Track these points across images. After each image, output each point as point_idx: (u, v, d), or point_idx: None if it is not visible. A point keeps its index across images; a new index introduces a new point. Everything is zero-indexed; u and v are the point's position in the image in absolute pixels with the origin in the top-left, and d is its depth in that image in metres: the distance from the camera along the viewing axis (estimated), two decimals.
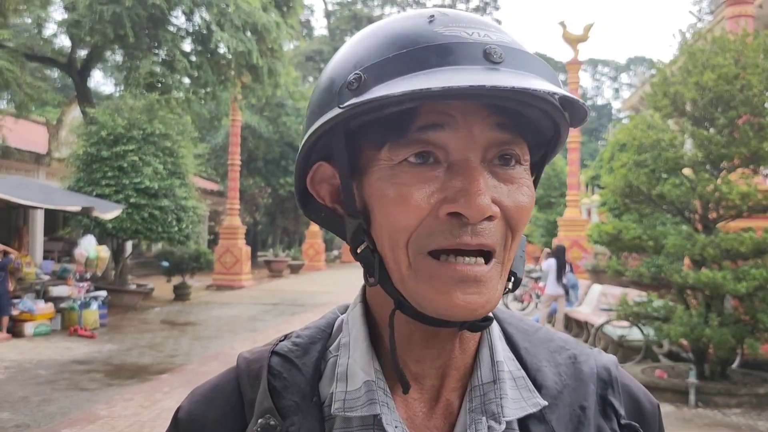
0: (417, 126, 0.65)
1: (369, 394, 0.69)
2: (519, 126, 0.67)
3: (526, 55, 0.65)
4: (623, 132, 9.15)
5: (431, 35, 0.64)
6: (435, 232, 0.65)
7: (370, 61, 0.65)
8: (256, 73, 17.40)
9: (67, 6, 16.40)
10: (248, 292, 20.29)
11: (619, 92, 75.34)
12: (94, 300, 12.71)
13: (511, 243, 0.68)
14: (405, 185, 0.65)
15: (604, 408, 0.76)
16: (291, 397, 0.72)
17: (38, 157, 18.27)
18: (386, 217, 0.67)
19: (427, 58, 0.62)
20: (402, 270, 0.67)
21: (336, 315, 0.82)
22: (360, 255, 0.71)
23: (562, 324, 12.86)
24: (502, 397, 0.71)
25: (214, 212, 30.44)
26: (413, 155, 0.65)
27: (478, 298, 0.65)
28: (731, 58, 7.82)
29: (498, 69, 0.62)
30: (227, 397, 0.76)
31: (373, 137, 0.68)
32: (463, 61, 0.62)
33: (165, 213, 15.22)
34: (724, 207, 7.94)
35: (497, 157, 0.67)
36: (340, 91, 0.66)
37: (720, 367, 8.00)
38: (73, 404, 7.30)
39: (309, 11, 57.08)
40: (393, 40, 0.66)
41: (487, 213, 0.63)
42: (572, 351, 0.79)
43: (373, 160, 0.68)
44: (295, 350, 0.77)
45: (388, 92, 0.60)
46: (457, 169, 0.65)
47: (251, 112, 27.71)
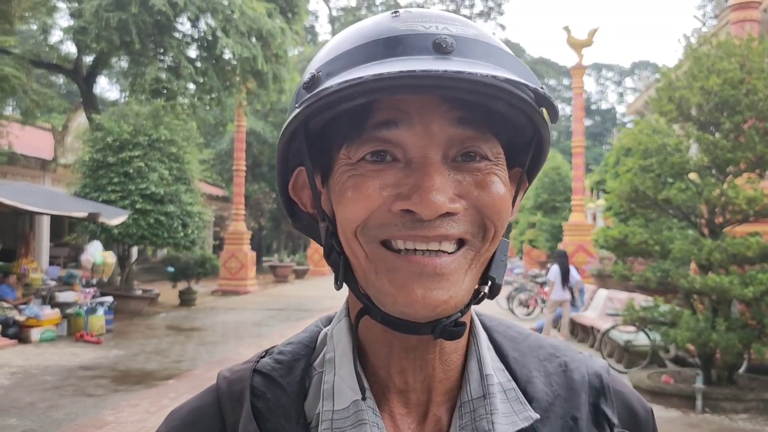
0: (372, 123, 0.63)
1: (358, 414, 0.67)
2: (486, 121, 0.64)
3: (486, 45, 0.63)
4: (628, 137, 9.14)
5: (386, 30, 0.63)
6: (386, 225, 0.63)
7: (326, 59, 0.65)
8: (261, 78, 17.44)
9: (73, 13, 16.46)
10: (253, 298, 20.29)
11: (624, 97, 75.28)
12: (100, 306, 12.73)
13: (491, 236, 0.65)
14: (359, 176, 0.64)
15: (596, 417, 0.74)
16: (276, 420, 0.69)
17: (44, 163, 18.34)
18: (340, 211, 0.66)
19: (374, 52, 0.61)
20: (362, 264, 0.65)
21: (319, 328, 0.79)
22: (331, 259, 0.70)
23: (568, 329, 12.83)
24: (492, 413, 0.68)
25: (219, 218, 30.48)
26: (369, 154, 0.64)
27: (439, 294, 0.62)
28: (736, 62, 7.82)
29: (447, 58, 0.59)
30: (208, 421, 0.72)
31: (335, 138, 0.67)
32: (410, 52, 0.60)
33: (171, 218, 15.26)
34: (730, 211, 7.93)
35: (461, 155, 0.64)
36: (299, 91, 0.66)
37: (727, 372, 7.97)
38: (79, 410, 7.31)
39: (313, 17, 57.19)
40: (352, 38, 0.65)
41: (441, 210, 0.61)
42: (563, 358, 0.77)
43: (335, 161, 0.67)
44: (278, 368, 0.73)
45: (327, 84, 0.59)
46: (414, 166, 0.63)
47: (256, 118, 27.77)
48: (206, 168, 19.70)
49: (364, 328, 0.71)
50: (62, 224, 20.50)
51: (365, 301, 0.67)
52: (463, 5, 57.83)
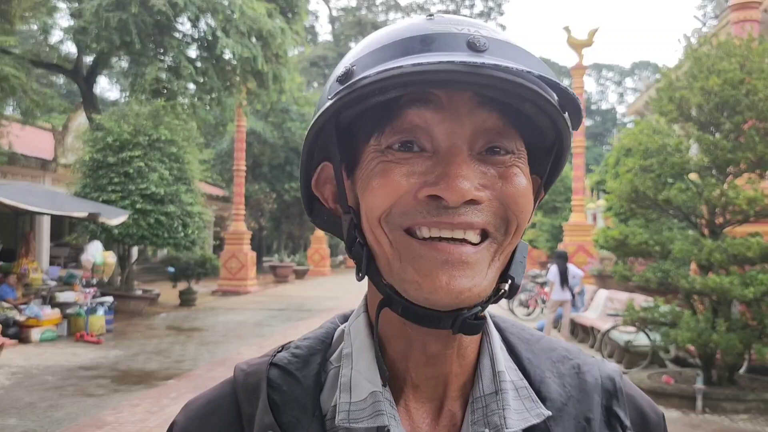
0: (402, 102, 0.64)
1: (375, 405, 0.68)
2: (513, 121, 0.66)
3: (516, 48, 0.64)
4: (629, 137, 9.14)
5: (421, 29, 0.65)
6: (410, 212, 0.64)
7: (361, 54, 0.66)
8: (261, 78, 17.44)
9: (74, 13, 16.47)
10: (254, 298, 20.30)
11: (624, 97, 75.24)
12: (100, 306, 12.74)
13: (513, 229, 0.67)
14: (387, 163, 0.65)
15: (609, 419, 0.74)
16: (291, 412, 0.70)
17: (44, 163, 18.34)
18: (367, 197, 0.67)
19: (410, 46, 0.63)
20: (386, 252, 0.66)
21: (336, 324, 0.80)
22: (353, 252, 0.70)
23: (568, 329, 12.83)
24: (504, 408, 0.69)
25: (219, 218, 30.48)
26: (398, 143, 0.65)
27: (464, 282, 0.63)
28: (736, 62, 7.82)
29: (481, 56, 0.61)
30: (224, 412, 0.73)
31: (364, 131, 0.68)
32: (445, 48, 0.62)
33: (171, 219, 15.26)
34: (730, 212, 7.93)
35: (486, 149, 0.66)
36: (331, 85, 0.67)
37: (727, 373, 7.98)
38: (80, 410, 7.31)
39: (314, 17, 57.19)
40: (388, 35, 0.67)
41: (467, 196, 0.62)
42: (576, 361, 0.78)
43: (363, 153, 0.68)
44: (294, 362, 0.74)
45: (364, 74, 0.61)
46: (441, 155, 0.64)
47: (256, 118, 27.77)
48: (206, 168, 19.70)
49: (383, 322, 0.71)
50: (63, 224, 20.51)
51: (387, 291, 0.67)
52: (463, 5, 57.84)
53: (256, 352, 0.79)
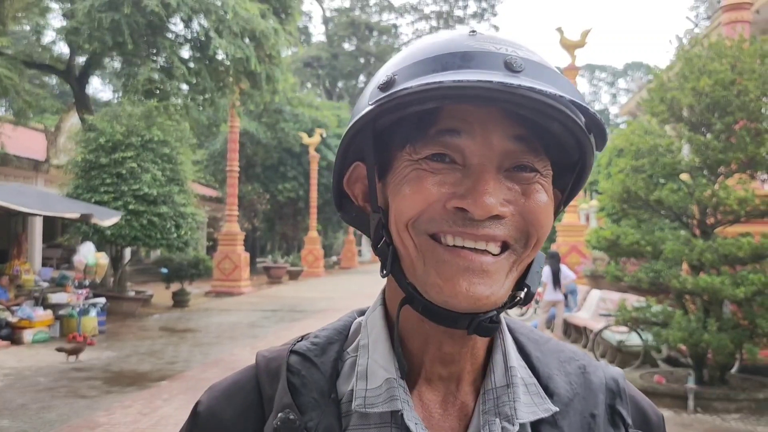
0: (436, 129, 0.68)
1: (390, 391, 0.71)
2: (539, 139, 0.69)
3: (550, 71, 0.67)
4: (620, 137, 9.17)
5: (461, 45, 0.68)
6: (438, 219, 0.68)
7: (403, 65, 0.70)
8: (254, 79, 17.42)
9: (66, 13, 16.43)
10: (247, 299, 20.27)
11: (617, 97, 75.44)
12: (93, 307, 12.71)
13: (533, 243, 0.70)
14: (420, 173, 0.69)
15: (612, 417, 0.79)
16: (309, 394, 0.74)
17: (37, 164, 18.28)
18: (397, 202, 0.71)
19: (450, 62, 0.66)
20: (411, 254, 0.70)
21: (353, 318, 0.84)
22: (379, 249, 0.74)
23: (561, 330, 12.85)
24: (515, 400, 0.73)
25: (212, 219, 30.43)
26: (432, 154, 0.69)
27: (482, 289, 0.67)
28: (728, 63, 7.86)
29: (517, 76, 0.64)
30: (246, 393, 0.78)
31: (398, 137, 0.71)
32: (483, 66, 0.65)
33: (164, 219, 15.23)
34: (721, 212, 7.96)
35: (514, 167, 0.69)
36: (372, 91, 0.70)
37: (719, 372, 8.01)
38: (72, 411, 7.30)
39: (307, 18, 57.14)
40: (429, 48, 0.70)
41: (492, 212, 0.66)
42: (582, 362, 0.82)
43: (397, 159, 0.72)
44: (313, 349, 0.79)
45: (404, 84, 0.65)
46: (471, 171, 0.68)
47: (249, 119, 27.74)
48: (199, 169, 19.71)
49: (401, 317, 0.75)
50: (55, 225, 20.43)
51: (410, 290, 0.71)
52: (457, 6, 57.89)
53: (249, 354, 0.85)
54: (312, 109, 32.09)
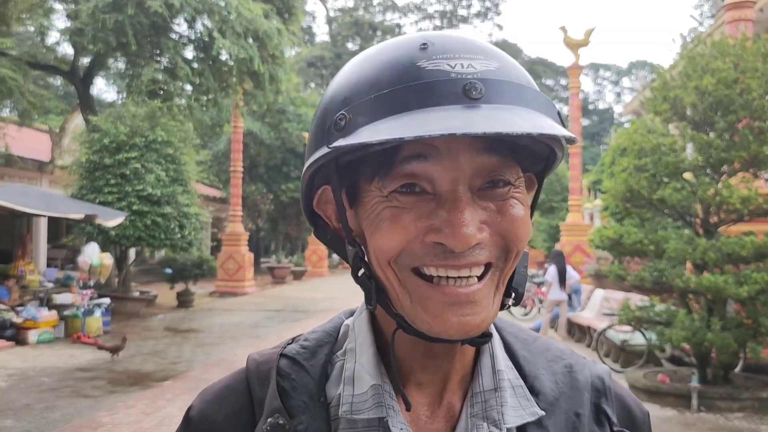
0: (401, 158, 0.67)
1: (376, 397, 0.72)
2: (510, 150, 0.69)
3: (512, 85, 0.66)
4: (623, 136, 9.16)
5: (414, 72, 0.65)
6: (419, 254, 0.67)
7: (357, 100, 0.67)
8: (257, 79, 17.45)
9: (70, 14, 16.47)
10: (251, 299, 20.30)
11: (621, 96, 75.24)
12: (97, 307, 12.74)
13: (513, 256, 0.70)
14: (394, 209, 0.68)
15: (597, 415, 0.79)
16: (299, 397, 0.75)
17: (41, 164, 18.33)
18: (375, 239, 0.69)
19: (407, 101, 0.64)
20: (396, 290, 0.69)
21: (342, 320, 0.85)
22: (359, 279, 0.74)
23: (565, 329, 12.85)
24: (503, 405, 0.74)
25: (216, 219, 30.46)
26: (401, 186, 0.67)
27: (472, 319, 0.67)
28: (731, 62, 7.84)
29: (477, 107, 0.62)
30: (237, 396, 0.79)
31: (364, 170, 0.70)
32: (441, 100, 0.63)
33: (168, 220, 15.25)
34: (725, 211, 7.95)
35: (486, 183, 0.68)
36: (329, 130, 0.68)
37: (722, 372, 7.99)
38: (76, 411, 7.32)
39: (311, 18, 57.23)
40: (379, 76, 0.67)
41: (471, 243, 0.65)
42: (568, 360, 0.82)
43: (366, 191, 0.71)
44: (303, 353, 0.79)
45: (367, 140, 0.62)
46: (443, 199, 0.67)
47: (253, 119, 27.78)
48: (203, 169, 19.72)
49: (387, 325, 0.75)
50: (60, 226, 20.49)
51: (399, 321, 0.71)
52: (461, 5, 57.88)
53: None
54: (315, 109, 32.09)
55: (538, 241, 25.92)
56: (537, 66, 68.80)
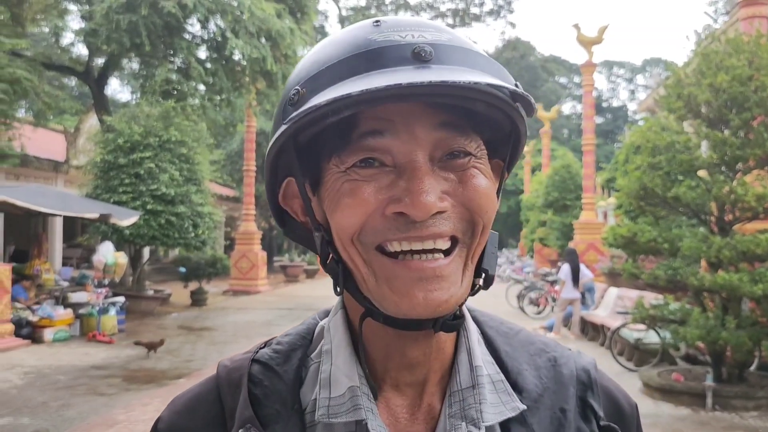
0: (358, 134, 0.66)
1: (353, 400, 0.69)
2: (468, 121, 0.67)
3: (461, 50, 0.65)
4: (637, 134, 9.11)
5: (365, 43, 0.65)
6: (381, 229, 0.65)
7: (309, 75, 0.67)
8: (270, 79, 17.49)
9: (84, 15, 16.59)
10: (264, 298, 20.37)
11: (635, 94, 74.82)
12: (112, 306, 12.84)
13: (479, 230, 0.68)
14: (353, 183, 0.66)
15: (583, 410, 0.76)
16: (272, 405, 0.72)
17: (57, 164, 18.48)
18: (336, 216, 0.68)
19: (356, 66, 0.64)
20: (361, 270, 0.68)
21: (316, 321, 0.82)
22: (328, 266, 0.73)
23: (578, 327, 12.81)
24: (481, 402, 0.71)
25: (230, 218, 30.58)
26: (359, 161, 0.66)
27: (440, 295, 0.65)
28: (745, 59, 7.79)
29: (427, 67, 0.62)
30: (208, 407, 0.76)
31: (323, 149, 0.69)
32: (391, 63, 0.63)
33: (181, 219, 15.34)
34: (740, 209, 7.89)
35: (447, 155, 0.67)
36: (284, 107, 0.68)
37: (737, 370, 7.94)
38: (91, 409, 7.38)
39: (323, 17, 57.21)
40: (332, 52, 0.67)
41: (432, 211, 0.64)
42: (552, 353, 0.80)
43: (326, 171, 0.69)
44: (275, 357, 0.76)
45: (314, 103, 0.61)
46: (403, 170, 0.65)
47: (266, 118, 27.82)
48: (216, 169, 19.79)
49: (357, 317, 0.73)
50: (75, 225, 20.65)
51: (367, 305, 0.69)
52: (473, 3, 57.73)
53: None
54: None
55: (551, 239, 25.81)
56: (550, 64, 68.54)
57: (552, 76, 68.67)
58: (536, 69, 65.67)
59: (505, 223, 55.07)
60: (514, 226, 43.22)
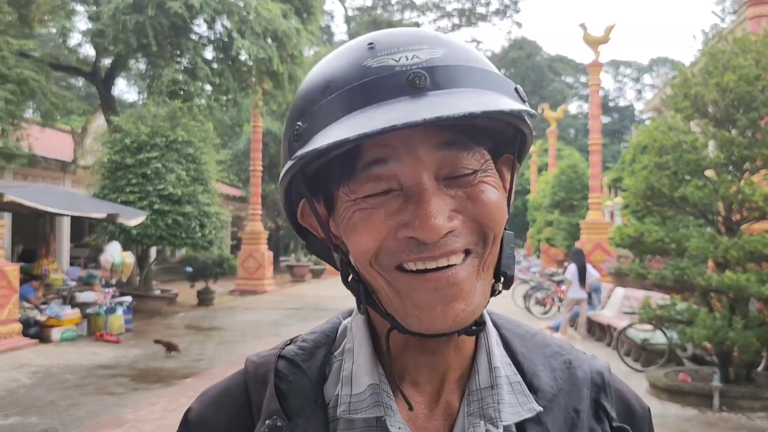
0: (363, 164, 0.67)
1: (374, 397, 0.72)
2: (470, 135, 0.68)
3: (459, 68, 0.66)
4: (644, 134, 9.09)
5: (360, 72, 0.66)
6: (396, 252, 0.67)
7: (309, 109, 0.68)
8: (276, 79, 17.53)
9: (91, 16, 16.66)
10: (271, 297, 20.40)
11: (642, 93, 74.55)
12: (119, 305, 12.89)
13: (491, 241, 0.69)
14: (363, 210, 0.68)
15: (597, 411, 0.78)
16: (296, 399, 0.75)
17: (64, 165, 18.56)
18: (352, 243, 0.70)
19: (353, 100, 0.65)
20: (385, 289, 0.69)
21: (340, 320, 0.85)
22: (349, 284, 0.75)
23: (585, 328, 12.79)
24: (499, 402, 0.73)
25: (236, 218, 30.65)
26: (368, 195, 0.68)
27: (457, 306, 0.67)
28: (752, 58, 7.76)
29: (424, 95, 0.62)
30: (236, 399, 0.79)
31: (332, 177, 0.71)
32: (387, 95, 0.63)
33: (188, 219, 15.38)
34: (747, 209, 7.87)
35: (452, 175, 0.68)
36: (290, 142, 0.70)
37: (744, 371, 7.92)
38: (100, 408, 7.42)
39: (329, 17, 57.29)
40: (329, 81, 0.68)
41: (442, 233, 0.65)
42: (567, 356, 0.82)
43: (337, 198, 0.72)
44: (300, 354, 0.79)
45: (317, 145, 0.62)
46: (410, 193, 0.67)
47: (272, 118, 27.90)
48: (223, 168, 19.82)
49: (380, 325, 0.75)
50: (82, 225, 20.74)
51: (391, 321, 0.71)
52: (479, 3, 57.66)
53: None
54: None
55: (558, 239, 25.77)
56: (557, 63, 68.33)
57: (558, 76, 68.49)
58: (542, 68, 65.52)
59: (511, 223, 54.61)
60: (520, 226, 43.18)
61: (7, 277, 11.08)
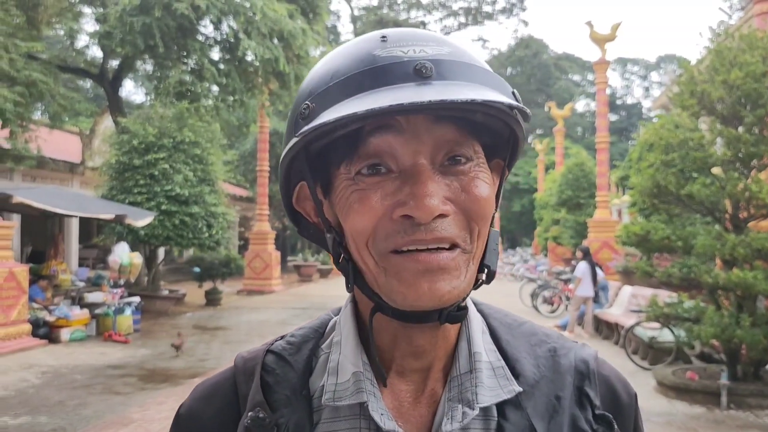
0: (365, 132, 0.70)
1: (357, 384, 0.74)
2: (467, 127, 0.71)
3: (460, 64, 0.69)
4: (650, 132, 9.07)
5: (370, 59, 0.70)
6: (391, 233, 0.69)
7: (318, 90, 0.71)
8: (283, 79, 17.56)
9: (99, 18, 16.73)
10: (278, 297, 20.45)
11: (649, 91, 74.37)
12: (127, 306, 12.94)
13: (477, 234, 0.72)
14: (361, 191, 0.71)
15: (580, 398, 0.79)
16: (282, 391, 0.77)
17: (72, 166, 18.65)
18: (348, 223, 0.72)
19: (362, 82, 0.68)
20: (372, 270, 0.72)
21: (330, 316, 0.88)
22: (340, 265, 0.77)
23: (591, 326, 12.77)
24: (477, 386, 0.75)
25: (243, 218, 30.72)
26: (366, 167, 0.71)
27: (443, 285, 0.68)
28: (759, 55, 7.73)
29: (428, 83, 0.66)
30: (224, 393, 0.82)
31: (333, 157, 0.73)
32: (395, 80, 0.67)
33: (195, 219, 15.44)
34: (754, 206, 7.83)
35: (448, 159, 0.71)
36: (296, 120, 0.72)
37: (752, 369, 7.89)
38: (107, 408, 7.46)
39: (335, 17, 57.31)
40: (339, 67, 0.72)
41: (435, 213, 0.68)
42: (553, 344, 0.83)
43: (336, 177, 0.74)
44: (288, 348, 0.82)
45: (324, 119, 0.65)
46: (407, 174, 0.69)
47: (279, 119, 27.94)
48: (230, 169, 19.92)
49: (367, 314, 0.77)
50: (91, 226, 20.83)
51: (376, 300, 0.73)
52: (485, 2, 57.58)
53: None
54: None
55: (565, 237, 25.73)
56: (563, 61, 68.21)
57: (565, 74, 68.36)
58: (549, 67, 65.40)
59: (518, 221, 54.85)
60: (527, 224, 43.09)
61: (17, 278, 11.14)
